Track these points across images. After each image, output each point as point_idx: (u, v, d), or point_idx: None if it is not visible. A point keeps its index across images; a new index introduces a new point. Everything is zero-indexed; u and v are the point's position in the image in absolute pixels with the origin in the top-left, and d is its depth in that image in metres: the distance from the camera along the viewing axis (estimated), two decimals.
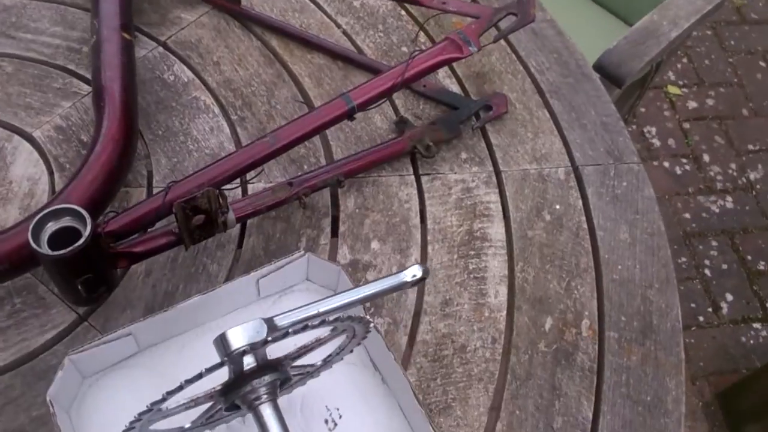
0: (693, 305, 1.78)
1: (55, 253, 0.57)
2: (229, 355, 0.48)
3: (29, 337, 0.66)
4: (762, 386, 1.53)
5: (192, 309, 0.65)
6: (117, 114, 0.70)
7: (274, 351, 0.52)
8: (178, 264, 0.72)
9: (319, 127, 0.69)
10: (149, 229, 0.67)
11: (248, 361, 0.51)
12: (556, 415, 0.68)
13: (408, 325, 0.72)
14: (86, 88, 0.82)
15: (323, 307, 0.53)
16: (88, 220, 0.58)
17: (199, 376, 0.47)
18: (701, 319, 1.77)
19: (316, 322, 0.49)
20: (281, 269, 0.68)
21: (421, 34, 0.94)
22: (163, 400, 0.47)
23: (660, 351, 0.73)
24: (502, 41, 0.93)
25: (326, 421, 0.64)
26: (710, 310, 1.79)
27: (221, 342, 0.50)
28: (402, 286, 0.59)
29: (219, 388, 0.51)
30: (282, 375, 0.53)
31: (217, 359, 0.51)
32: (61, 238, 0.58)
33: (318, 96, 0.86)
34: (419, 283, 0.60)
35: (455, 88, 0.89)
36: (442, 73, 0.90)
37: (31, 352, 0.65)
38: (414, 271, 0.59)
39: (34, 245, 0.57)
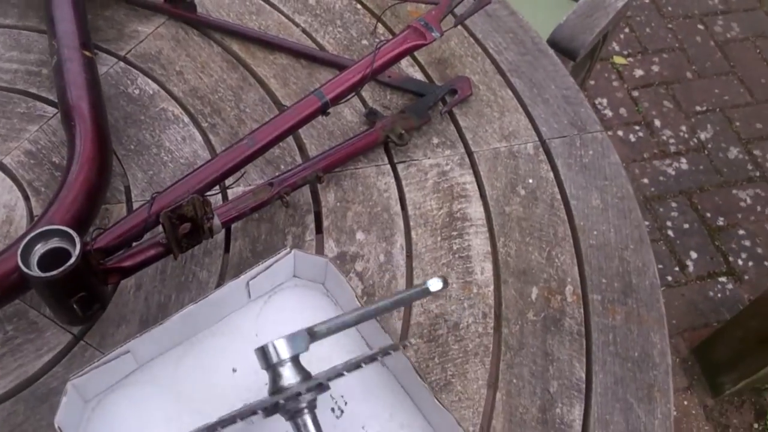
0: (660, 266, 1.84)
1: (47, 274, 0.57)
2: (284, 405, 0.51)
3: (26, 363, 0.65)
4: (733, 337, 1.58)
5: (186, 318, 0.66)
6: (89, 132, 0.70)
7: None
8: (168, 275, 0.72)
9: (295, 125, 0.70)
10: (135, 243, 0.67)
11: (293, 383, 0.54)
12: (552, 380, 0.71)
13: (401, 309, 0.73)
14: (51, 110, 0.82)
15: (363, 356, 0.57)
16: (77, 239, 0.58)
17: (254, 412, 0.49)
18: (669, 278, 1.82)
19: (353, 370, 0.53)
20: (269, 269, 0.69)
21: (380, 26, 0.95)
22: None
23: (642, 308, 0.76)
24: (458, 26, 0.95)
25: (333, 410, 0.66)
26: (677, 269, 1.84)
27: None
28: (423, 295, 0.62)
29: (268, 405, 0.53)
30: (323, 390, 0.55)
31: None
32: (49, 260, 0.58)
33: (286, 96, 0.87)
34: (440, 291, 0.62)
35: (419, 75, 0.91)
36: (405, 63, 0.92)
37: (30, 377, 0.65)
38: (435, 285, 0.60)
39: (24, 269, 0.56)
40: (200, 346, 0.69)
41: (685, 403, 1.65)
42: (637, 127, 2.09)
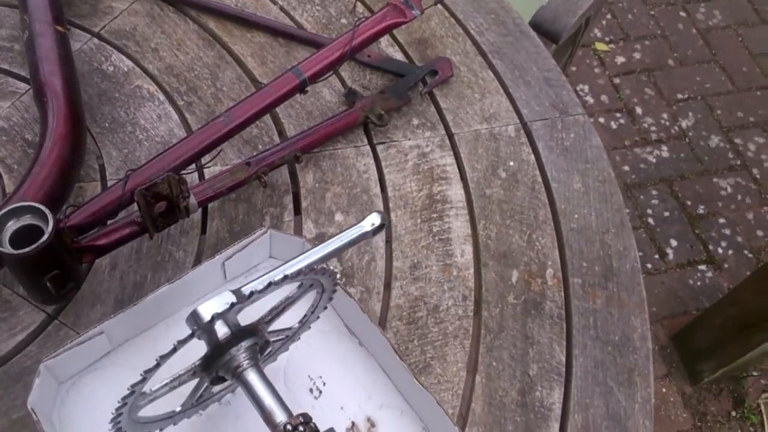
0: (640, 254, 1.84)
1: (20, 251, 0.55)
2: (199, 326, 0.48)
3: None
4: (712, 325, 1.59)
5: (161, 299, 0.65)
6: (62, 108, 0.68)
7: (248, 318, 0.52)
8: (143, 254, 0.71)
9: (272, 102, 0.68)
10: (110, 222, 0.66)
11: (222, 331, 0.51)
12: (531, 363, 0.70)
13: (380, 291, 0.72)
14: (23, 87, 0.80)
15: (289, 269, 0.53)
16: (49, 216, 0.57)
17: (173, 350, 0.47)
18: (649, 266, 1.83)
19: (278, 277, 0.49)
20: (245, 249, 0.68)
21: (359, 4, 0.94)
22: (143, 380, 0.47)
23: (623, 292, 0.76)
24: (439, 5, 0.94)
25: (311, 390, 0.65)
26: (657, 256, 1.85)
27: (192, 318, 0.49)
28: (363, 236, 0.60)
29: (199, 362, 0.51)
30: (259, 339, 0.53)
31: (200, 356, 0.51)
32: (21, 237, 0.57)
33: (263, 74, 0.86)
34: (380, 231, 0.61)
35: (399, 56, 0.90)
36: (385, 42, 0.90)
37: (4, 356, 0.63)
38: (372, 220, 0.60)
39: None
40: (176, 327, 0.68)
41: (664, 390, 1.66)
42: (618, 114, 2.09)
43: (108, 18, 0.87)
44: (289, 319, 0.60)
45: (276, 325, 0.56)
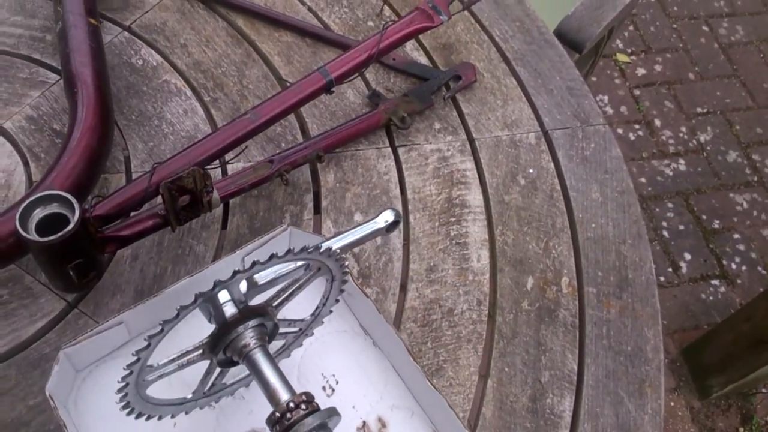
0: (654, 266, 1.84)
1: (46, 239, 0.56)
2: (203, 294, 0.48)
3: (19, 328, 0.65)
4: (723, 340, 1.59)
5: (181, 292, 0.65)
6: (92, 99, 0.69)
7: (256, 300, 0.54)
8: (164, 247, 0.72)
9: (298, 101, 0.69)
10: (133, 213, 0.67)
11: (229, 305, 0.51)
12: (543, 370, 0.71)
13: (396, 292, 0.73)
14: (53, 77, 0.81)
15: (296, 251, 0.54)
16: (76, 205, 0.58)
17: (177, 315, 0.47)
18: (662, 279, 1.83)
19: (282, 252, 0.50)
20: (265, 245, 0.69)
21: (386, 7, 0.95)
22: (148, 345, 0.48)
23: (637, 303, 0.76)
24: (464, 12, 0.95)
25: (324, 388, 0.66)
26: (670, 269, 1.85)
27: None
28: (377, 233, 0.61)
29: (207, 340, 0.52)
30: (267, 320, 0.54)
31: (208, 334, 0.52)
32: (47, 225, 0.58)
33: (289, 74, 0.87)
34: (394, 228, 0.62)
35: (424, 60, 0.91)
36: (410, 46, 0.91)
37: (23, 342, 0.65)
38: (386, 216, 0.61)
39: (23, 233, 0.56)
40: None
41: (672, 404, 1.66)
42: (637, 126, 2.09)
43: (139, 12, 0.89)
44: (301, 311, 0.61)
45: (287, 314, 0.57)
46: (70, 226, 0.57)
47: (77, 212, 0.57)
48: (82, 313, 0.67)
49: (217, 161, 0.75)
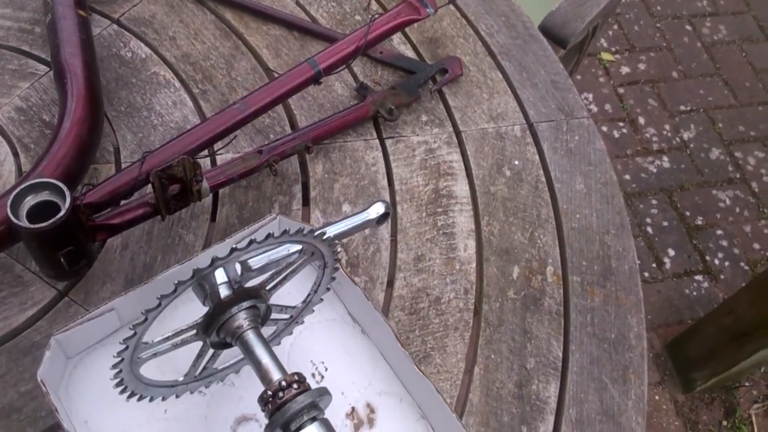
0: (638, 262, 1.86)
1: (37, 226, 0.57)
2: (200, 270, 0.49)
3: (10, 315, 0.65)
4: (706, 335, 1.61)
5: (171, 279, 0.66)
6: (82, 90, 0.70)
7: (251, 283, 0.55)
8: (154, 236, 0.72)
9: (287, 92, 0.70)
10: (124, 202, 0.67)
11: (225, 291, 0.52)
12: (529, 357, 0.72)
13: (384, 281, 0.74)
14: (43, 69, 0.81)
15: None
16: (67, 193, 0.58)
17: (174, 291, 0.48)
18: (646, 274, 1.85)
19: (278, 233, 0.51)
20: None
21: (373, 2, 0.96)
22: (145, 320, 0.48)
23: (620, 291, 0.78)
24: (450, 6, 0.96)
25: (313, 375, 0.66)
26: (654, 265, 1.87)
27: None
28: (367, 224, 0.62)
29: (201, 320, 0.53)
30: (260, 303, 0.54)
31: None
32: (38, 213, 0.59)
33: (278, 66, 0.87)
34: (384, 220, 0.63)
35: (410, 53, 0.92)
36: (397, 40, 0.92)
37: (14, 330, 0.65)
38: (378, 209, 0.62)
39: (14, 220, 0.57)
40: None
41: (657, 398, 1.68)
42: (621, 124, 2.11)
43: (128, 5, 0.89)
44: (292, 298, 0.62)
45: (279, 300, 0.58)
46: (62, 213, 0.57)
47: (68, 199, 0.58)
48: (73, 301, 0.67)
49: (206, 151, 0.76)
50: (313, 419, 0.49)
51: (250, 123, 0.75)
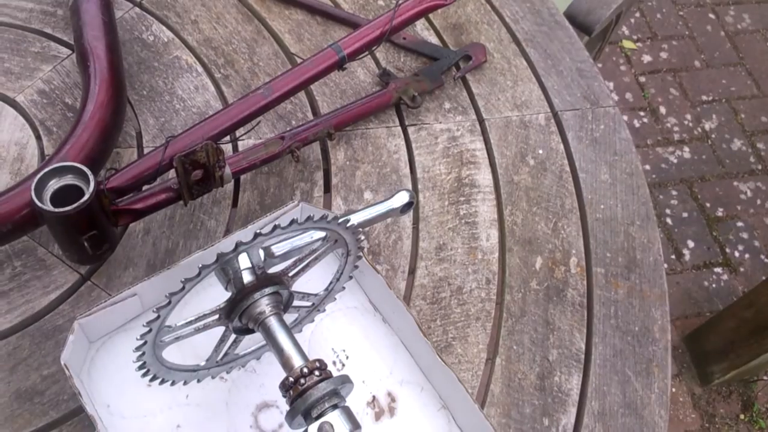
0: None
1: (61, 210, 0.57)
2: (224, 255, 0.49)
3: (33, 299, 0.65)
4: (725, 328, 1.59)
5: (193, 265, 0.66)
6: (105, 73, 0.69)
7: (274, 269, 0.54)
8: (176, 221, 0.72)
9: (311, 77, 0.69)
10: (146, 187, 0.67)
11: (248, 277, 0.52)
12: (551, 348, 0.71)
13: (405, 270, 0.73)
14: (65, 51, 0.81)
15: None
16: (91, 177, 0.58)
17: (198, 274, 0.48)
18: (665, 266, 1.82)
19: (302, 219, 0.51)
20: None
21: None
22: (168, 303, 0.48)
23: (645, 283, 0.77)
24: None
25: (334, 363, 0.66)
26: (673, 257, 1.85)
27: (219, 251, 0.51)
28: (391, 213, 0.62)
29: (224, 305, 0.53)
30: (283, 289, 0.54)
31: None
32: (61, 197, 0.58)
33: (300, 52, 0.87)
34: (408, 209, 0.63)
35: (434, 39, 0.90)
36: (421, 26, 0.91)
37: (37, 313, 0.65)
38: (402, 198, 0.61)
39: (38, 203, 0.56)
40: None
41: (674, 390, 1.66)
42: (642, 113, 2.09)
43: None
44: (314, 286, 0.62)
45: (302, 287, 0.57)
46: (86, 197, 0.57)
47: (92, 184, 0.58)
48: (95, 285, 0.67)
49: (228, 137, 0.75)
50: (335, 407, 0.49)
51: (273, 109, 0.74)
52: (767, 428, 1.63)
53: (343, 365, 0.66)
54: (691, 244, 1.87)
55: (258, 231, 0.48)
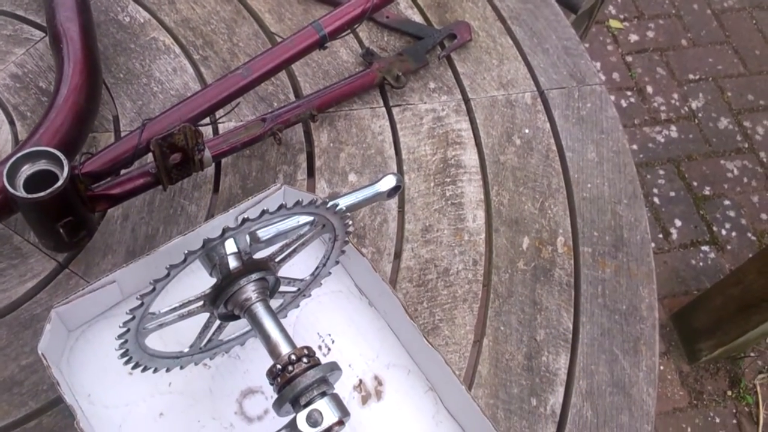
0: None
1: (34, 195, 0.55)
2: (210, 240, 0.48)
3: (9, 288, 0.64)
4: (712, 305, 1.59)
5: (174, 251, 0.65)
6: (79, 55, 0.67)
7: (260, 254, 0.53)
8: (156, 207, 0.71)
9: (291, 57, 0.68)
10: (124, 171, 0.65)
11: (234, 263, 0.51)
12: (539, 328, 0.71)
13: (391, 252, 0.72)
14: (38, 34, 0.79)
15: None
16: (65, 162, 0.56)
17: (184, 260, 0.47)
18: (653, 245, 1.82)
19: (291, 204, 0.49)
20: (259, 204, 0.68)
21: None
22: (153, 290, 0.47)
23: (632, 262, 0.76)
24: None
25: (320, 347, 0.65)
26: (661, 236, 1.85)
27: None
28: (378, 197, 0.61)
29: (209, 290, 0.51)
30: (270, 275, 0.53)
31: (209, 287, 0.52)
32: (35, 183, 0.57)
33: (280, 31, 0.85)
34: (396, 193, 0.61)
35: (418, 18, 0.89)
36: (404, 4, 0.90)
37: (14, 303, 0.64)
38: (389, 181, 0.60)
39: (10, 189, 0.55)
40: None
41: (661, 368, 1.67)
42: (629, 93, 2.08)
43: None
44: (300, 271, 0.61)
45: (288, 273, 0.56)
46: (60, 183, 0.56)
47: (66, 168, 0.56)
48: (73, 273, 0.66)
49: (208, 120, 0.74)
50: (323, 394, 0.48)
51: (253, 90, 0.73)
52: (754, 404, 1.64)
53: (329, 350, 0.66)
54: (678, 223, 1.87)
55: (246, 217, 0.47)
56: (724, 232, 1.87)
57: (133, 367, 0.54)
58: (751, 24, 2.28)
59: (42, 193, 0.55)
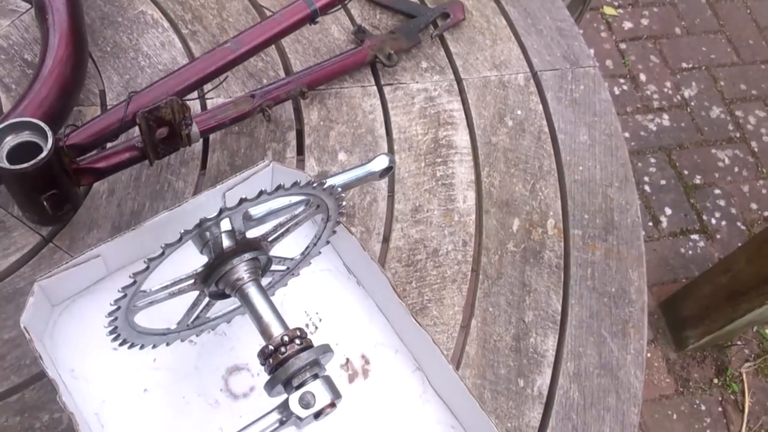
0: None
1: (17, 167, 0.54)
2: (208, 220, 0.47)
3: None
4: (700, 294, 1.60)
5: (159, 226, 0.64)
6: (64, 26, 0.66)
7: (253, 233, 0.52)
8: (142, 182, 0.70)
9: (281, 31, 0.67)
10: (109, 145, 0.64)
11: (227, 242, 0.50)
12: (527, 310, 0.70)
13: (381, 232, 0.72)
14: (24, 6, 0.78)
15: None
16: (49, 133, 0.55)
17: (180, 239, 0.46)
18: (642, 233, 1.83)
19: (288, 184, 0.49)
20: (246, 180, 0.67)
21: None
22: (147, 269, 0.46)
23: (622, 245, 0.76)
24: None
25: (307, 326, 0.65)
26: (651, 224, 1.85)
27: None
28: (370, 176, 0.60)
29: (201, 269, 0.51)
30: (262, 255, 0.52)
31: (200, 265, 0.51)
32: (19, 154, 0.56)
33: (271, 6, 0.84)
34: (387, 173, 0.61)
35: None
36: None
37: None
38: (381, 162, 0.59)
39: None
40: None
41: (649, 355, 1.68)
42: (622, 80, 2.08)
43: None
44: (291, 250, 0.60)
45: (278, 252, 0.56)
46: (44, 154, 0.55)
47: (50, 140, 0.55)
48: (57, 247, 0.65)
49: (196, 94, 0.73)
50: (315, 376, 0.48)
51: (242, 65, 0.72)
52: (740, 392, 1.65)
53: (317, 328, 0.65)
54: (668, 211, 1.88)
55: (244, 197, 0.46)
56: (713, 221, 1.88)
57: (121, 344, 0.54)
58: (745, 13, 2.28)
59: (26, 165, 0.54)
